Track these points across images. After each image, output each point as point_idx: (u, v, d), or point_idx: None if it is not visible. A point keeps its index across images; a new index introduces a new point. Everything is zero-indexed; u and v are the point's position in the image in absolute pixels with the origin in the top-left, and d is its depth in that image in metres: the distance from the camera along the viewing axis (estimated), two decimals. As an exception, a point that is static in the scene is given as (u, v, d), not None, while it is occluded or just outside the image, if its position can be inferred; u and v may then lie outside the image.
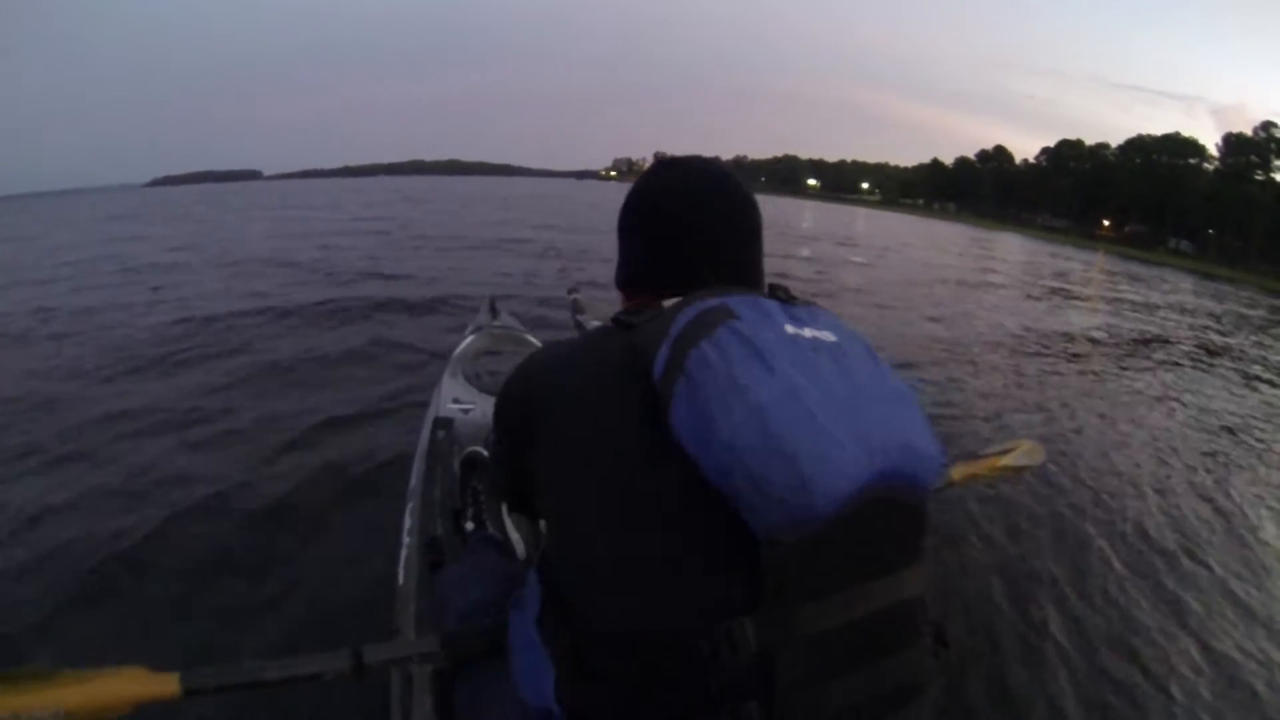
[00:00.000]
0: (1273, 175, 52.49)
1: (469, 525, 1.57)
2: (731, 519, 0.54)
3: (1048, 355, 6.79)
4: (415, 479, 1.88)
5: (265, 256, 9.82)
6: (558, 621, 0.64)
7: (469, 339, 2.98)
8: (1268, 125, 53.08)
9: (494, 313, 3.39)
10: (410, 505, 1.77)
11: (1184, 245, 55.71)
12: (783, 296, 0.68)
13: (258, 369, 4.29)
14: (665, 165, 0.79)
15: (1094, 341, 8.00)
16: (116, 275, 8.36)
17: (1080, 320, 9.72)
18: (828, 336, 0.62)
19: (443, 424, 2.00)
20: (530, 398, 0.70)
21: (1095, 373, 6.35)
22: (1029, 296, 12.10)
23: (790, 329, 0.60)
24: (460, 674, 0.85)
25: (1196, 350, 8.37)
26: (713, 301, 0.61)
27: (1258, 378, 7.25)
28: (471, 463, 1.74)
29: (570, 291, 2.30)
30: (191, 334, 5.16)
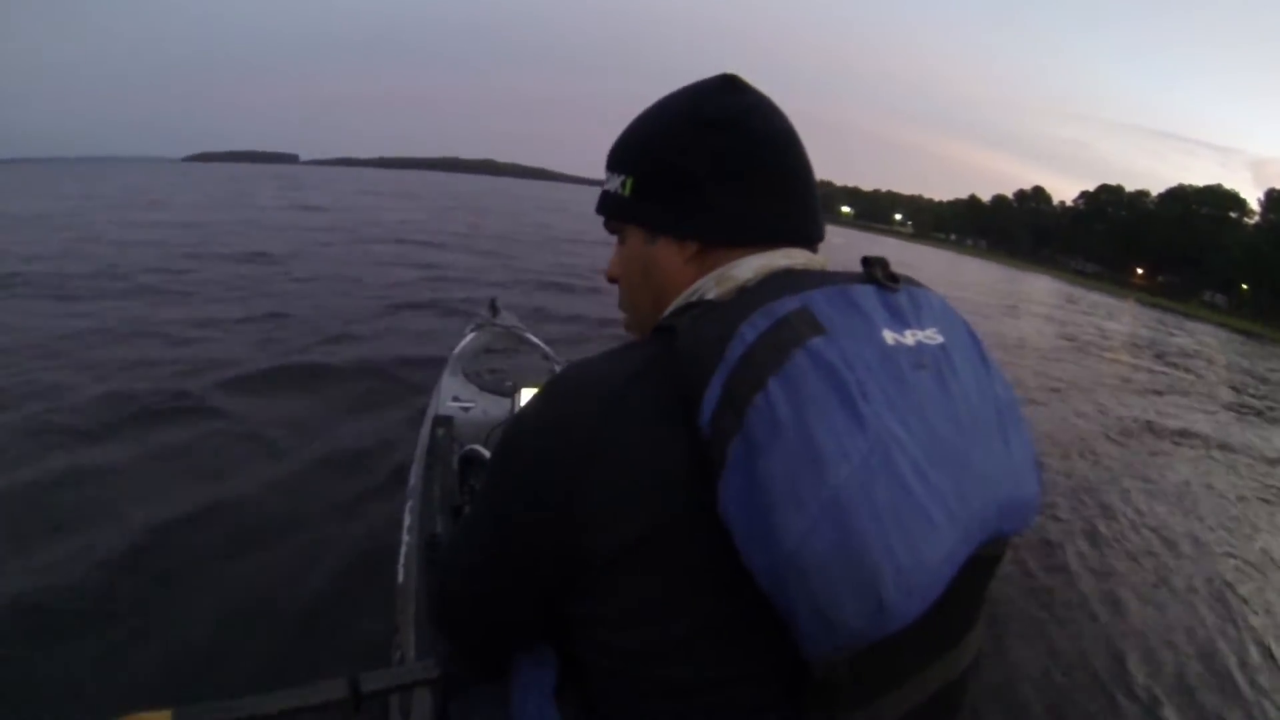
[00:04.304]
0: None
1: None
2: (779, 633, 0.43)
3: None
4: (415, 477, 1.88)
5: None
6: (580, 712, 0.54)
7: (469, 337, 2.99)
8: (1313, 184, 51.90)
9: (494, 311, 3.41)
10: (410, 503, 1.77)
11: (1218, 299, 54.69)
12: (881, 278, 0.50)
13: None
14: (732, 86, 0.60)
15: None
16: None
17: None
18: (933, 337, 0.49)
19: (442, 422, 1.98)
20: (564, 460, 0.48)
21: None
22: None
23: (890, 336, 0.46)
24: (458, 695, 0.78)
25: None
26: (790, 303, 0.45)
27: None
28: (470, 460, 1.70)
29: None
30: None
